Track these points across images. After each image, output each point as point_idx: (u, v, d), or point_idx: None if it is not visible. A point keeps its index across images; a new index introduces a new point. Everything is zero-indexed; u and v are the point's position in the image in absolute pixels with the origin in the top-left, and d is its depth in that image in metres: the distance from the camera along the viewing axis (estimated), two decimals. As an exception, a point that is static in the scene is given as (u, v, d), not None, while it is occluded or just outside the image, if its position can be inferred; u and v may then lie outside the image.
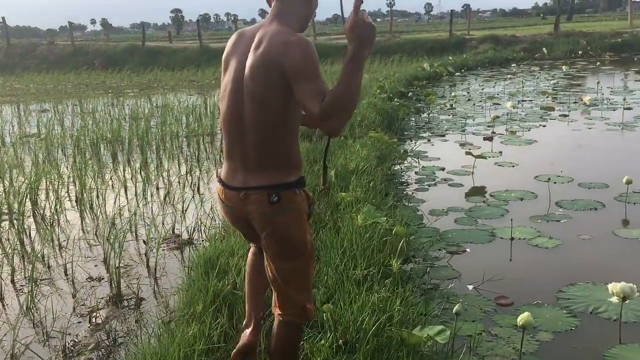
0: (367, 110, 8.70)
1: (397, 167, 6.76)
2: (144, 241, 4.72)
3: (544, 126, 9.05)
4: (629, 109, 9.98)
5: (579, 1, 76.95)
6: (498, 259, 4.21)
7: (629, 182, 5.08)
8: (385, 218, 3.91)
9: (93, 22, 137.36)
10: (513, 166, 6.73)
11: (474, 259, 4.21)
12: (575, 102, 10.97)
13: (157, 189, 6.36)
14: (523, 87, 13.47)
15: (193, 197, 5.96)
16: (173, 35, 61.04)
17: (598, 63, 17.13)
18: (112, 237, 4.57)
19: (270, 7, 2.08)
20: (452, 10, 27.03)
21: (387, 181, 5.86)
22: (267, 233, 2.04)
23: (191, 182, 6.50)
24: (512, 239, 4.48)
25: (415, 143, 8.08)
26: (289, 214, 2.01)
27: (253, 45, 1.98)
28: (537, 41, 23.85)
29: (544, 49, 22.07)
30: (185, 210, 5.49)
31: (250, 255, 2.44)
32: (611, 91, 12.18)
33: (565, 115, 9.80)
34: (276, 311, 2.17)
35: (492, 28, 36.12)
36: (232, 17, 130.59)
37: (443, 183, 6.19)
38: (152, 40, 42.73)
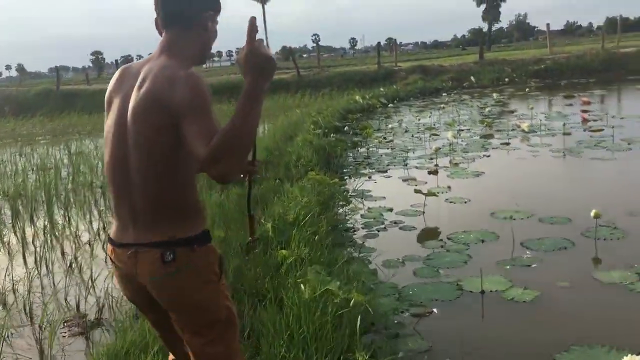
0: (302, 148, 8.04)
1: (341, 210, 6.09)
2: (39, 326, 3.80)
3: (488, 156, 8.66)
4: (568, 134, 9.79)
5: (494, 33, 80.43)
6: (471, 319, 3.58)
7: (597, 217, 4.62)
8: (338, 283, 3.19)
9: (8, 67, 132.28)
10: (465, 202, 6.20)
11: (443, 321, 3.55)
12: (513, 130, 10.74)
13: (63, 253, 5.40)
14: (459, 116, 13.25)
15: (106, 261, 5.04)
16: (93, 77, 59.18)
17: (527, 89, 17.32)
18: (-3, 323, 3.63)
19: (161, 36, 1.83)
20: (379, 42, 27.18)
21: (332, 229, 5.16)
22: (165, 299, 1.78)
23: (104, 242, 5.57)
24: (482, 292, 3.86)
25: (357, 181, 7.46)
26: (186, 275, 1.72)
27: (137, 83, 1.74)
28: (463, 70, 24.15)
29: (471, 77, 22.33)
30: (95, 280, 4.57)
31: None
32: (545, 117, 12.10)
33: (507, 144, 9.49)
34: None
35: (418, 59, 36.72)
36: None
37: (393, 226, 5.56)
38: (70, 83, 41.10)
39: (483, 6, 72.23)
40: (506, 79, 22.22)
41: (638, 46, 26.77)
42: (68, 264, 5.05)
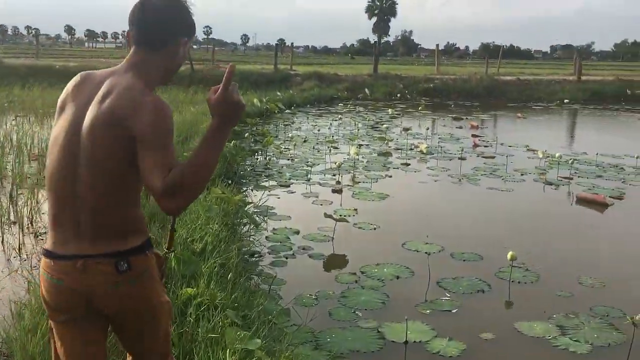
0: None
1: (245, 228, 5.59)
2: None
3: (390, 176, 8.57)
4: (463, 159, 9.99)
5: (381, 45, 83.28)
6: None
7: (513, 259, 4.53)
8: (259, 342, 2.74)
9: None
10: (374, 229, 5.97)
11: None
12: (411, 149, 10.80)
13: None
14: (357, 130, 13.19)
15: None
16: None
17: (420, 107, 17.73)
18: None
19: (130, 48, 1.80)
20: (276, 43, 26.77)
21: (237, 253, 4.68)
22: (121, 307, 1.76)
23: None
24: (406, 342, 3.59)
25: (259, 195, 7.00)
26: (143, 280, 1.76)
27: (98, 95, 1.71)
28: (357, 81, 24.38)
29: (366, 89, 22.57)
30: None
31: None
32: (439, 138, 12.34)
33: (407, 164, 9.48)
34: None
35: (311, 64, 36.76)
36: (33, 31, 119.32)
37: (302, 253, 5.18)
38: None
39: (374, 19, 74.45)
40: (398, 95, 22.71)
41: (515, 74, 28.73)
42: None
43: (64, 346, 1.82)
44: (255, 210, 6.30)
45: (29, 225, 5.63)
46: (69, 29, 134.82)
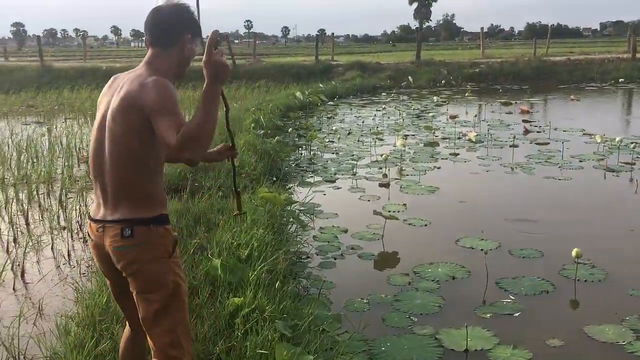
0: (246, 153, 7.32)
1: (291, 228, 5.43)
2: None
3: (438, 168, 8.28)
4: (516, 146, 9.59)
5: (423, 31, 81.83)
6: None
7: (578, 256, 4.23)
8: (311, 358, 2.58)
9: None
10: (426, 225, 5.73)
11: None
12: (459, 138, 10.45)
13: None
14: (403, 120, 12.88)
15: (15, 291, 4.21)
16: (13, 51, 55.27)
17: (466, 93, 17.19)
18: None
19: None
20: (317, 34, 26.53)
21: (284, 256, 4.53)
22: (122, 266, 2.08)
23: (13, 262, 4.70)
24: (466, 350, 3.37)
25: (304, 192, 6.85)
26: (141, 249, 2.04)
27: (118, 88, 2.08)
28: (400, 69, 23.93)
29: (409, 77, 22.12)
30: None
31: (122, 341, 2.37)
32: (488, 125, 11.90)
33: (456, 154, 9.16)
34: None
35: (352, 53, 36.33)
36: (81, 33, 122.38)
37: (351, 253, 5.00)
38: (-15, 55, 37.96)
39: (415, 5, 73.21)
40: (442, 81, 22.18)
41: (565, 54, 27.68)
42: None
43: (111, 291, 2.34)
44: (301, 209, 6.15)
45: (78, 229, 5.64)
46: (115, 30, 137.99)
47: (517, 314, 3.81)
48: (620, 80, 21.49)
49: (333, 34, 33.52)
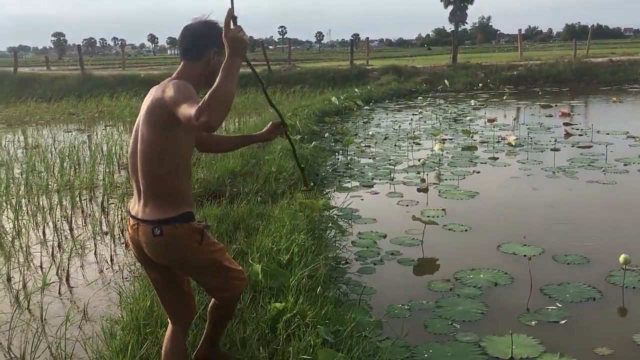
0: (283, 159, 7.35)
1: (330, 233, 5.41)
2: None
3: (478, 172, 8.16)
4: (557, 150, 9.39)
5: (458, 34, 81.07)
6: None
7: (626, 262, 4.10)
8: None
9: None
10: (466, 230, 5.65)
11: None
12: (498, 142, 10.29)
13: (9, 278, 4.61)
14: (440, 123, 12.76)
15: (61, 295, 4.30)
16: (54, 60, 56.84)
17: (505, 97, 16.85)
18: None
19: None
20: (351, 39, 26.55)
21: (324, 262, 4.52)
22: (162, 260, 2.37)
23: (58, 267, 4.81)
24: (511, 358, 3.29)
25: (342, 197, 6.83)
26: (173, 245, 2.30)
27: (150, 95, 2.37)
28: (436, 73, 23.74)
29: (445, 81, 21.91)
30: (46, 320, 3.82)
31: (165, 341, 2.52)
32: (528, 129, 11.68)
33: (495, 158, 9.02)
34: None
35: (386, 57, 36.20)
36: (119, 42, 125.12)
37: (390, 259, 4.96)
38: (30, 64, 39.11)
39: (450, 7, 72.65)
40: (480, 84, 21.90)
41: (607, 55, 27.02)
42: (14, 295, 4.28)
43: (151, 284, 2.61)
44: (340, 214, 6.13)
45: (120, 235, 5.74)
46: (152, 38, 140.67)
47: (563, 322, 3.71)
48: (664, 81, 20.88)
49: (367, 38, 33.49)
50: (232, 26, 2.05)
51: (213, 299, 2.63)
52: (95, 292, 4.37)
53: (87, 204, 6.90)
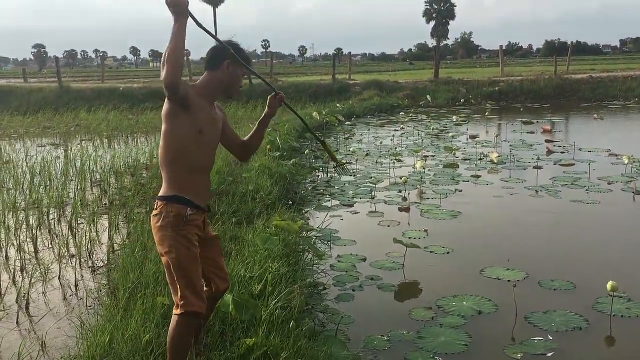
0: (260, 177, 7.13)
1: (307, 256, 5.19)
2: None
3: (460, 190, 8.01)
4: (539, 168, 9.29)
5: (440, 49, 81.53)
6: None
7: (614, 289, 3.94)
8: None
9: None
10: (448, 252, 5.47)
11: None
12: (480, 159, 10.18)
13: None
14: (422, 140, 12.65)
15: (19, 325, 4.02)
16: (33, 72, 56.12)
17: (487, 113, 16.83)
18: None
19: None
20: (334, 53, 26.52)
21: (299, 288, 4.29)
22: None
23: (18, 293, 4.52)
24: (497, 397, 3.10)
25: (321, 217, 6.63)
26: (157, 217, 2.69)
27: None
28: (419, 87, 23.77)
29: (427, 96, 21.91)
30: (-3, 361, 3.54)
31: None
32: (510, 145, 11.62)
33: (478, 176, 8.88)
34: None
35: (368, 72, 36.20)
36: (100, 54, 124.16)
37: (370, 284, 4.75)
38: (6, 77, 38.51)
39: (432, 23, 73.19)
40: (462, 100, 21.93)
41: (586, 71, 27.27)
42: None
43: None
44: (318, 235, 5.92)
45: (88, 257, 5.46)
46: (134, 50, 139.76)
47: (550, 354, 3.53)
48: (643, 97, 21.06)
49: (350, 52, 33.49)
50: None
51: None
52: (57, 321, 4.09)
53: (55, 224, 6.60)
